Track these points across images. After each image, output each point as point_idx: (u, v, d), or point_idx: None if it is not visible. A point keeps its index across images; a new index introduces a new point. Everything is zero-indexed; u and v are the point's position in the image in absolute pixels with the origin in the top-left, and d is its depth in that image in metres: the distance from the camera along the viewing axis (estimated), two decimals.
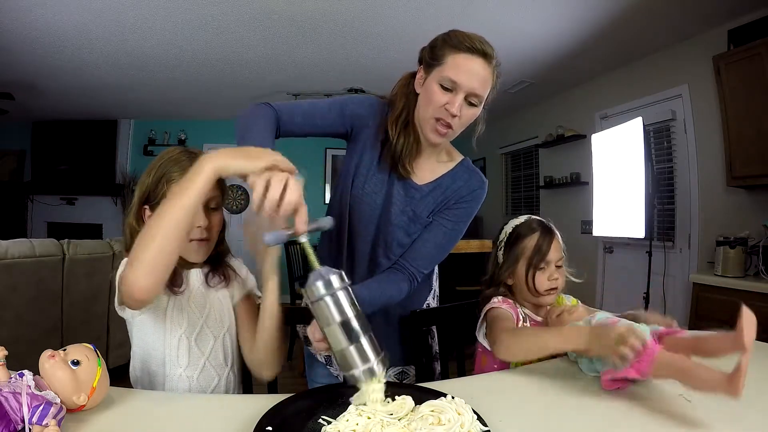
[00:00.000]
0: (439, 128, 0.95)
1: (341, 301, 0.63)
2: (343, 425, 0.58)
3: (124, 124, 5.85)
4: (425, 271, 1.06)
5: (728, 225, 2.73)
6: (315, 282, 0.63)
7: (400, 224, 1.05)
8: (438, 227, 1.05)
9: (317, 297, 0.62)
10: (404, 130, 1.01)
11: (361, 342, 0.62)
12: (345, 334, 0.62)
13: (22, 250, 2.31)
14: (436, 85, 0.93)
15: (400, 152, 1.01)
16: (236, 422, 0.62)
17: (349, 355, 0.62)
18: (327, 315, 0.63)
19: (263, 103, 0.95)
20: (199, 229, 0.87)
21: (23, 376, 0.57)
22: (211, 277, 0.94)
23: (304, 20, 3.00)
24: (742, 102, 2.51)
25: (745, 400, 0.72)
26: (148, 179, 0.89)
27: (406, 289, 1.03)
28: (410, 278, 1.03)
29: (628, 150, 3.08)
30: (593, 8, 2.74)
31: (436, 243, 1.05)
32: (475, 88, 0.92)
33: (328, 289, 0.62)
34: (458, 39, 0.92)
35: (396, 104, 1.02)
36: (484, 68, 0.92)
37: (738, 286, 2.32)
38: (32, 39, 3.23)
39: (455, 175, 1.07)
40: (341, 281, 0.64)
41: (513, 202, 5.60)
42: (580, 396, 0.80)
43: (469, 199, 1.07)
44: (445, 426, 0.56)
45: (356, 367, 0.62)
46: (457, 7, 2.70)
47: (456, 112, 0.92)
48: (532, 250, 1.05)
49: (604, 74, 3.87)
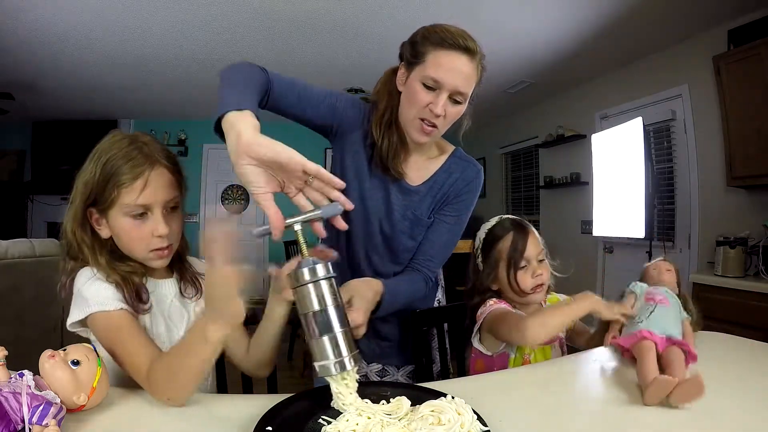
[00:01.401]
0: (425, 127, 0.92)
1: (323, 290, 0.62)
2: (343, 425, 0.58)
3: (124, 124, 5.85)
4: (437, 270, 1.07)
5: (728, 225, 2.73)
6: (301, 268, 0.62)
7: (404, 230, 1.04)
8: (441, 225, 1.04)
9: (300, 282, 0.62)
10: (388, 130, 0.98)
11: (336, 334, 0.61)
12: (322, 323, 0.61)
13: (22, 250, 2.31)
14: (419, 84, 0.89)
15: (386, 155, 0.98)
16: (236, 422, 0.62)
17: (322, 344, 0.61)
18: (307, 302, 0.62)
19: (258, 66, 0.87)
20: (160, 238, 0.78)
21: (23, 376, 0.57)
22: (185, 288, 0.88)
23: (304, 20, 3.00)
24: (742, 102, 2.51)
25: (749, 404, 0.72)
26: (93, 177, 0.77)
27: (423, 288, 1.04)
28: (426, 279, 1.04)
29: (628, 150, 3.09)
30: (593, 8, 2.74)
31: (442, 241, 1.05)
32: (459, 86, 0.88)
33: (312, 276, 0.62)
34: (439, 35, 0.88)
35: (379, 104, 0.99)
36: (466, 65, 0.88)
37: (738, 286, 2.32)
38: (32, 39, 3.23)
39: (449, 168, 1.05)
40: (326, 271, 0.63)
41: (513, 202, 5.60)
42: (580, 396, 0.80)
43: (468, 191, 1.05)
44: (445, 426, 0.56)
45: (328, 358, 0.61)
46: (458, 6, 2.70)
47: (440, 112, 0.89)
48: (508, 250, 1.03)
49: (604, 74, 3.87)
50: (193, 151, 5.95)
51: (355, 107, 1.01)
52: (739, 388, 0.77)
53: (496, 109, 5.16)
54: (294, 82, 0.93)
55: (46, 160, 5.67)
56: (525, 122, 5.15)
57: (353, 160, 1.02)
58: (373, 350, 1.14)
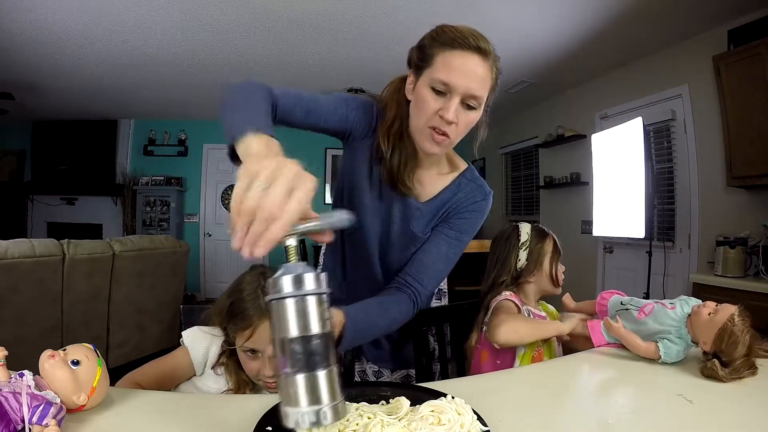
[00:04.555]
0: (436, 136, 0.83)
1: (308, 309, 0.45)
2: (343, 425, 0.58)
3: (124, 124, 5.85)
4: (429, 289, 0.94)
5: (728, 225, 2.73)
6: (281, 275, 0.45)
7: (401, 245, 0.98)
8: (439, 236, 0.96)
9: (277, 295, 0.45)
10: (399, 142, 0.90)
11: (316, 374, 0.44)
12: (300, 355, 0.44)
13: (22, 250, 2.31)
14: (427, 89, 0.81)
15: (396, 168, 0.90)
16: (236, 422, 0.62)
17: (294, 385, 0.44)
18: (282, 323, 0.45)
19: (260, 84, 0.79)
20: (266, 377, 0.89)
21: (23, 376, 0.57)
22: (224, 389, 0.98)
23: (304, 20, 3.00)
24: (742, 102, 2.51)
25: (749, 403, 0.72)
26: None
27: (408, 310, 0.90)
28: (412, 298, 0.90)
29: (628, 150, 3.09)
30: (593, 8, 2.74)
31: (439, 253, 0.94)
32: (472, 89, 0.79)
33: (296, 288, 0.45)
34: (448, 35, 0.80)
35: (386, 114, 0.91)
36: (480, 65, 0.79)
37: (738, 286, 2.32)
38: (32, 39, 3.23)
39: (457, 187, 0.99)
40: (317, 284, 0.46)
41: (513, 202, 5.60)
42: (579, 396, 0.80)
43: (472, 210, 0.98)
44: (445, 426, 0.56)
45: (297, 404, 0.44)
46: (458, 6, 2.70)
47: (452, 119, 0.80)
48: (553, 248, 1.22)
49: (604, 74, 3.87)
50: (193, 151, 5.95)
51: (367, 114, 0.93)
52: (738, 389, 0.77)
53: (496, 109, 5.05)
54: (301, 96, 0.85)
55: (46, 160, 5.68)
56: (525, 122, 5.15)
57: (359, 167, 0.96)
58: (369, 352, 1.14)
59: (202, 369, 0.94)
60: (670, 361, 0.86)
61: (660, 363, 0.87)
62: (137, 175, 5.75)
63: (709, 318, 0.86)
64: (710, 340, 0.83)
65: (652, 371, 0.86)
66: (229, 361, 0.92)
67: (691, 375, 0.83)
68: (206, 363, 0.93)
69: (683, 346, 0.87)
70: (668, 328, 0.89)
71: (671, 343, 0.87)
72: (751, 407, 0.70)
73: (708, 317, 0.86)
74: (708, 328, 0.84)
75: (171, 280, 3.24)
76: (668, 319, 0.91)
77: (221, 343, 0.93)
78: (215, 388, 0.92)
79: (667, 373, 0.84)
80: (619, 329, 0.94)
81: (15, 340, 2.24)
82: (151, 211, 5.76)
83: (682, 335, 0.88)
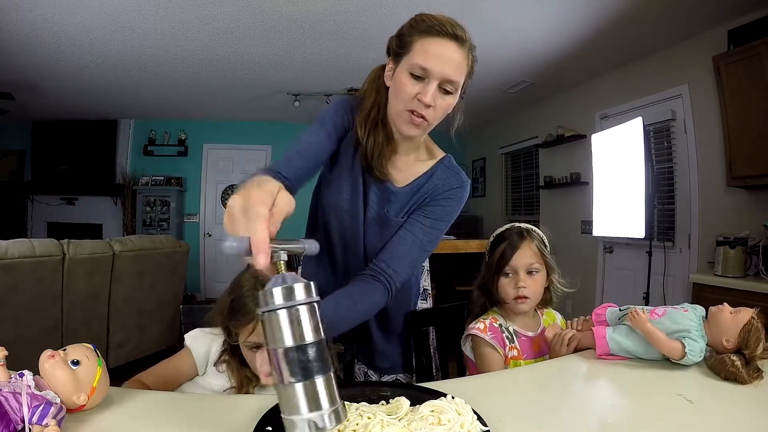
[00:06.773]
0: (414, 119, 0.86)
1: (301, 319, 0.47)
2: (344, 425, 0.58)
3: (124, 124, 5.85)
4: (404, 276, 0.93)
5: (728, 225, 2.73)
6: (272, 287, 0.47)
7: (376, 230, 0.99)
8: (414, 224, 0.95)
9: (270, 307, 0.47)
10: (374, 129, 0.93)
11: (314, 381, 0.46)
12: (296, 364, 0.46)
13: (22, 250, 2.31)
14: (406, 74, 0.85)
15: (371, 154, 0.93)
16: (236, 422, 0.62)
17: (293, 393, 0.46)
18: (277, 334, 0.46)
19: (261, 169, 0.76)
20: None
21: (23, 376, 0.57)
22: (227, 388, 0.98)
23: (304, 20, 3.00)
24: (742, 102, 2.51)
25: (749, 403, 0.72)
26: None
27: (380, 300, 0.89)
28: (385, 286, 0.89)
29: (628, 150, 3.08)
30: (593, 8, 2.74)
31: (414, 241, 0.94)
32: (448, 74, 0.83)
33: (287, 299, 0.47)
34: (426, 23, 0.84)
35: (365, 101, 0.95)
36: (456, 52, 0.83)
37: (738, 286, 2.32)
38: (32, 39, 3.23)
39: (433, 173, 0.99)
40: (308, 294, 0.48)
41: (513, 202, 5.60)
42: (579, 396, 0.80)
43: (447, 197, 0.98)
44: (445, 426, 0.56)
45: (298, 413, 0.46)
46: (458, 6, 2.70)
47: (429, 102, 0.84)
48: (497, 257, 1.07)
49: (604, 74, 3.87)
50: (193, 151, 5.95)
51: (339, 114, 0.96)
52: (738, 389, 0.77)
53: (496, 109, 5.17)
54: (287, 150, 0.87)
55: (46, 160, 5.67)
56: (525, 122, 5.15)
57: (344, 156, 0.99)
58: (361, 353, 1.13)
59: (204, 368, 0.96)
60: (693, 360, 0.85)
61: (674, 362, 0.87)
62: (137, 175, 5.74)
63: (732, 316, 0.87)
64: (734, 336, 0.85)
65: (652, 371, 0.86)
66: (231, 359, 0.93)
67: (692, 375, 0.83)
68: (208, 361, 0.96)
69: (703, 346, 0.87)
70: (687, 327, 0.88)
71: (695, 342, 0.86)
72: (751, 407, 0.70)
73: (731, 315, 0.88)
74: (732, 325, 0.86)
75: (171, 280, 3.24)
76: (685, 319, 0.90)
77: (222, 341, 0.95)
78: (219, 385, 0.93)
79: (667, 373, 0.85)
80: (645, 322, 0.89)
81: (15, 340, 2.24)
82: (151, 211, 5.75)
83: (703, 335, 0.88)
